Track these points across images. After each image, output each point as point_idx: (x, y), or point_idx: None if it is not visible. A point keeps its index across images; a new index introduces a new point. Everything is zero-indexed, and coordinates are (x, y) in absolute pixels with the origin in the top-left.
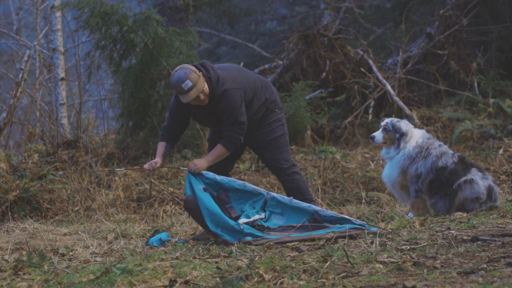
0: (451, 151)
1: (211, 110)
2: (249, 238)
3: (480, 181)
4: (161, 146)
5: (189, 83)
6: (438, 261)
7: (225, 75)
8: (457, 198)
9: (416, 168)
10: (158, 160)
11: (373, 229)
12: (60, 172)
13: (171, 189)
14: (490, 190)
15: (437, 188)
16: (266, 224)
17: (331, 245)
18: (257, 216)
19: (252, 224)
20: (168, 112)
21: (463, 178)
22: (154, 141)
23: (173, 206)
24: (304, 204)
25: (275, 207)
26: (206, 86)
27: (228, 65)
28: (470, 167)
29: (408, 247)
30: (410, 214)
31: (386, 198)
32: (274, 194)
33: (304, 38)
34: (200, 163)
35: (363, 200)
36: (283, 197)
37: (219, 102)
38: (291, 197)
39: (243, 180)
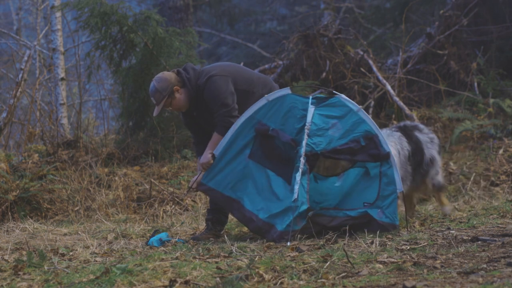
0: (396, 133)
1: (201, 105)
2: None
3: (437, 156)
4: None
5: (153, 101)
6: (438, 261)
7: (211, 67)
8: (426, 181)
9: (405, 169)
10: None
11: (396, 222)
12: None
13: (171, 189)
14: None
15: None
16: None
17: (331, 245)
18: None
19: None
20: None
21: (424, 161)
22: (154, 141)
23: (173, 206)
24: (371, 122)
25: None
26: (174, 101)
27: (222, 62)
28: (412, 132)
29: (408, 247)
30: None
31: None
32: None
33: (304, 38)
34: (205, 157)
35: None
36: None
37: (204, 91)
38: (361, 107)
39: None
